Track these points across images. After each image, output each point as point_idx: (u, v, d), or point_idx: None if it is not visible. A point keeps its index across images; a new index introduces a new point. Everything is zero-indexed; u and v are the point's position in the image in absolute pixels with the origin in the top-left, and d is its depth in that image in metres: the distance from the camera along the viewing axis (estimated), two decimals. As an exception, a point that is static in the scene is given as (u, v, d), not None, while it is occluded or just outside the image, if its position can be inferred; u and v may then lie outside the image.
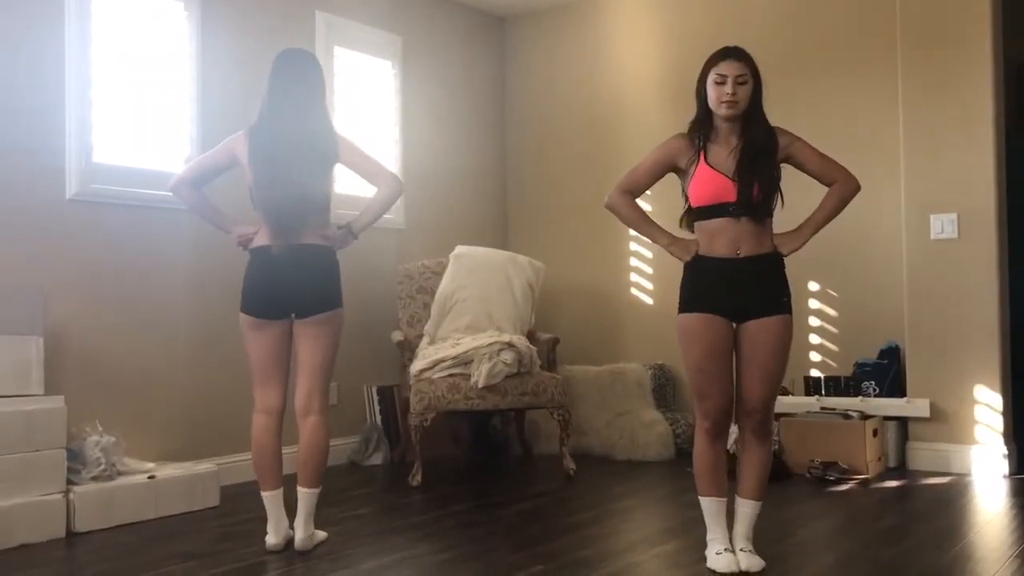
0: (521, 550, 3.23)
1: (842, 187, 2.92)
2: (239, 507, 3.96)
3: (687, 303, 2.90)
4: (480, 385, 4.48)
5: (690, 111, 2.97)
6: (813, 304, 5.12)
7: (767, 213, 2.87)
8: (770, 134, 2.90)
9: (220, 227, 3.40)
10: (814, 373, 5.06)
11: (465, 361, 4.59)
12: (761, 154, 2.85)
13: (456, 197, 6.03)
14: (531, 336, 5.07)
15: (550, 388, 4.66)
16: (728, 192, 2.82)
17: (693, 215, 2.92)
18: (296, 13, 5.03)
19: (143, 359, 4.24)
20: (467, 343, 4.67)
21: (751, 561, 2.88)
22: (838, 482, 4.33)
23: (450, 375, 4.57)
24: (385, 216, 5.32)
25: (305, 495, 3.26)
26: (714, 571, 2.87)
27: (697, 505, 3.02)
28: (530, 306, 5.18)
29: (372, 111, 5.46)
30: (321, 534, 3.35)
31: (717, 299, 2.86)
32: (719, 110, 2.86)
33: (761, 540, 3.00)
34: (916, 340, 4.68)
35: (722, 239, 2.85)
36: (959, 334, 4.55)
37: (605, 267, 5.93)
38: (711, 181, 2.84)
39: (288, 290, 3.22)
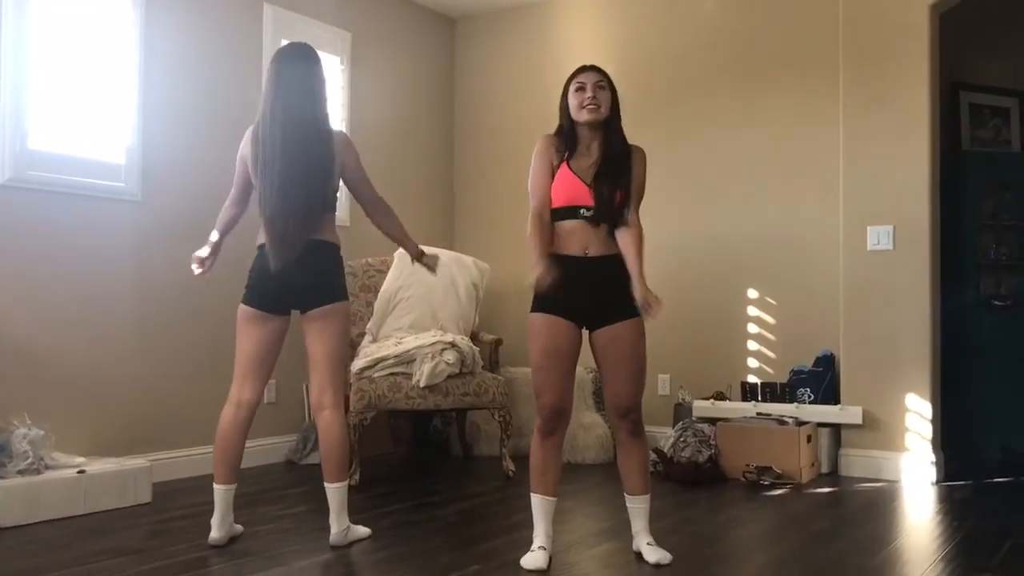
0: (458, 550, 3.23)
1: (637, 232, 2.97)
2: (172, 504, 3.90)
3: (535, 303, 2.99)
4: (422, 385, 4.47)
5: (634, 115, 3.02)
6: (752, 311, 5.19)
7: (621, 222, 2.96)
8: (627, 146, 3.01)
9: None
10: (751, 379, 5.14)
11: (407, 360, 4.57)
12: (620, 164, 2.97)
13: (402, 195, 5.97)
14: (474, 337, 5.07)
15: (492, 389, 4.66)
16: (583, 197, 2.93)
17: (551, 214, 3.00)
18: (244, 6, 4.96)
19: (76, 351, 4.14)
20: (410, 342, 4.64)
21: (659, 555, 2.96)
22: (772, 487, 4.40)
23: (392, 374, 4.55)
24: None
25: (333, 490, 3.24)
26: (522, 567, 2.93)
27: (633, 507, 3.05)
28: (474, 307, 5.18)
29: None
30: (363, 530, 3.35)
31: (564, 302, 2.94)
32: (580, 116, 2.97)
33: (696, 542, 3.04)
34: (851, 349, 4.78)
35: (574, 240, 2.96)
36: (892, 344, 4.66)
37: (549, 270, 5.94)
38: (570, 185, 2.96)
39: (293, 285, 3.19)
